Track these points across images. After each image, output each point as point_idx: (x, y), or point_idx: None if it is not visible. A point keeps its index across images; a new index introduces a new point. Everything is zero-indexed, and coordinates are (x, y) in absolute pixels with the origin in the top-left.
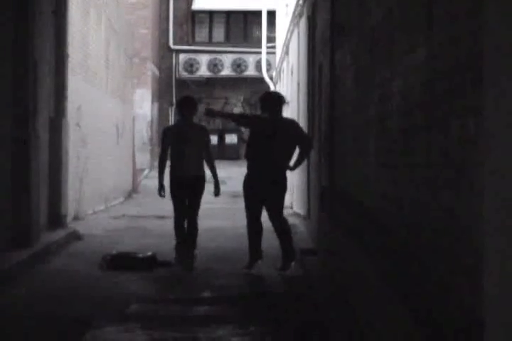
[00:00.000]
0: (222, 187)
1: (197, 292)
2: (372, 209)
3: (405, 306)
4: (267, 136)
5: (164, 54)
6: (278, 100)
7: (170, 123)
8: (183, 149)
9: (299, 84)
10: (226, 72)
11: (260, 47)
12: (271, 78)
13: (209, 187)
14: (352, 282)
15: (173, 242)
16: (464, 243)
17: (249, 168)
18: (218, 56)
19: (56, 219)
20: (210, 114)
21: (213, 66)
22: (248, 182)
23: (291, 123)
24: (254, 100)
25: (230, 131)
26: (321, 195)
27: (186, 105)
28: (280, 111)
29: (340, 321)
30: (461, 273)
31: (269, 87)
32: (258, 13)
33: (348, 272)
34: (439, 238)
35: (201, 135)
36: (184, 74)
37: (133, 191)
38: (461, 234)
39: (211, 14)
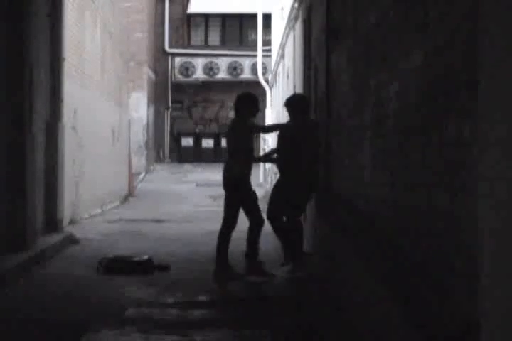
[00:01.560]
0: (217, 191)
1: (193, 295)
2: (368, 212)
3: (402, 309)
4: (295, 142)
5: (160, 57)
6: (299, 103)
7: (166, 127)
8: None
9: (294, 88)
10: (222, 75)
11: (256, 50)
12: (267, 81)
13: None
14: (348, 285)
15: (171, 246)
16: (460, 245)
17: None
18: (214, 59)
19: (52, 223)
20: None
21: (209, 69)
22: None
23: (315, 126)
24: None
25: None
26: (316, 198)
27: (239, 102)
28: (303, 114)
29: (336, 324)
30: (457, 275)
31: (264, 91)
32: (254, 17)
33: (344, 275)
34: (434, 240)
35: (237, 134)
36: (180, 78)
37: (129, 195)
38: (457, 237)
39: (207, 17)
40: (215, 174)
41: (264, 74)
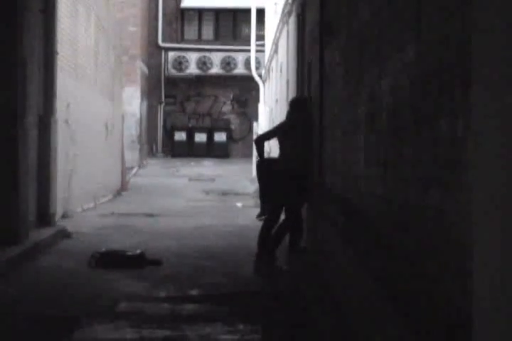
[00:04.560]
0: (210, 185)
1: (186, 290)
2: (361, 208)
3: (394, 305)
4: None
5: (153, 52)
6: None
7: (159, 121)
8: None
9: (288, 83)
10: (215, 70)
11: (249, 45)
12: (260, 76)
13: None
14: (341, 281)
15: (164, 241)
16: (453, 241)
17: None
18: (207, 54)
19: (45, 216)
20: None
21: (202, 64)
22: None
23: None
24: (244, 98)
25: (219, 129)
26: (309, 193)
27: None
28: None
29: (328, 320)
30: (450, 272)
31: (258, 85)
32: (247, 11)
33: (337, 270)
34: (427, 236)
35: None
36: (173, 72)
37: (122, 189)
38: (450, 233)
39: (200, 12)
40: (207, 169)
41: (257, 69)
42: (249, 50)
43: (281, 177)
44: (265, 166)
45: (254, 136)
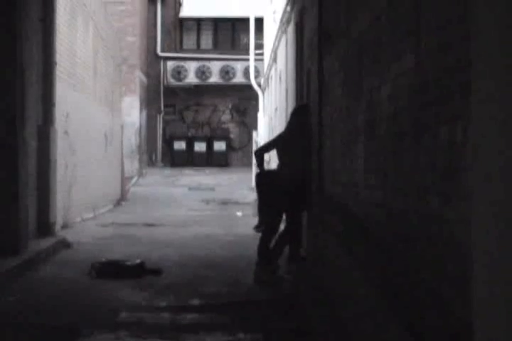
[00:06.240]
0: (210, 195)
1: (186, 299)
2: (361, 215)
3: (394, 312)
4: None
5: (152, 61)
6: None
7: (158, 131)
8: None
9: (287, 91)
10: (214, 79)
11: (248, 54)
12: (259, 85)
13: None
14: (340, 288)
15: (164, 250)
16: (453, 248)
17: None
18: (206, 63)
19: (44, 227)
20: None
21: (201, 73)
22: None
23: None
24: (243, 107)
25: (219, 139)
26: (309, 201)
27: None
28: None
29: (328, 328)
30: (450, 279)
31: (257, 94)
32: (246, 20)
33: (336, 278)
34: (427, 243)
35: None
36: (172, 82)
37: (121, 199)
38: (450, 240)
39: (199, 21)
40: (207, 178)
41: (256, 77)
42: (248, 59)
43: (282, 187)
44: (264, 178)
45: (254, 145)
